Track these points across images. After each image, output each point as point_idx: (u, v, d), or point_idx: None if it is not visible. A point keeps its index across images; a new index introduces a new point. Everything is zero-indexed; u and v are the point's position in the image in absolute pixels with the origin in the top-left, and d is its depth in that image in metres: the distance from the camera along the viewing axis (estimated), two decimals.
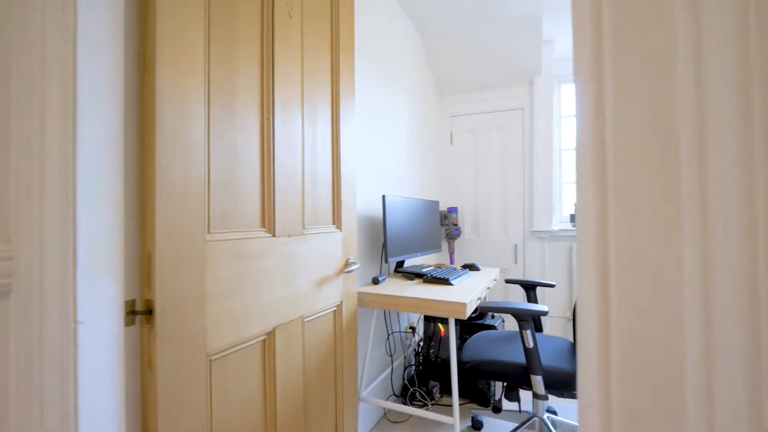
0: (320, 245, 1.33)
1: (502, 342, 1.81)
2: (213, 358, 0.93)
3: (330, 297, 1.38)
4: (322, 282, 1.34)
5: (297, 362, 1.22)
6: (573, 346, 1.80)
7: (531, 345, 1.47)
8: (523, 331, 1.48)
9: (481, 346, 1.77)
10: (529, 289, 2.07)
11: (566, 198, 3.31)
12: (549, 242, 3.20)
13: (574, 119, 2.92)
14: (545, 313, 1.46)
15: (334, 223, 1.42)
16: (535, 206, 3.02)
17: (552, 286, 2.03)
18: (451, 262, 3.15)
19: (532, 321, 1.48)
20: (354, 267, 1.43)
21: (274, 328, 1.13)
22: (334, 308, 1.42)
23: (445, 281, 1.86)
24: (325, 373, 1.36)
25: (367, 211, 2.07)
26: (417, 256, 2.26)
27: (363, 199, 2.04)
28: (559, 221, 3.27)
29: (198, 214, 0.90)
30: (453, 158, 3.32)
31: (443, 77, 3.16)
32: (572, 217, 3.16)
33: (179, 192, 0.85)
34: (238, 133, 1.02)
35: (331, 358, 1.40)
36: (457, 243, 3.30)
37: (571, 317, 3.04)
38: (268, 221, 1.12)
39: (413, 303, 1.57)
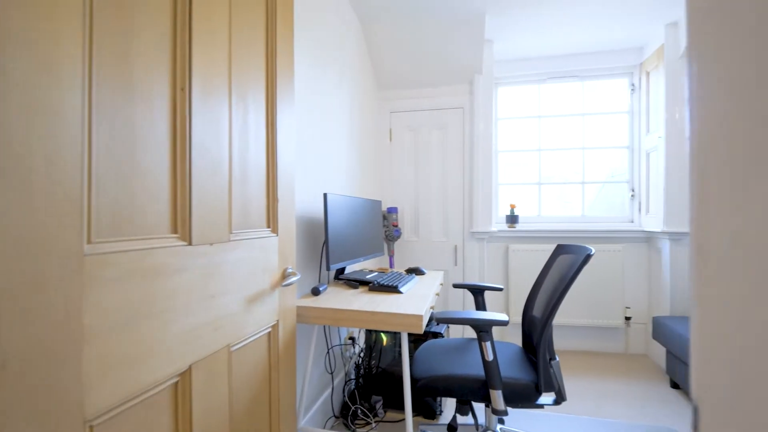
0: (252, 254, 1.07)
1: (455, 352, 1.69)
2: (94, 423, 0.65)
3: (264, 316, 1.13)
4: (255, 299, 1.08)
5: (221, 403, 0.95)
6: (524, 352, 1.74)
7: (491, 358, 1.35)
8: (483, 343, 1.36)
9: (433, 358, 1.63)
10: (477, 293, 1.98)
11: (502, 199, 3.35)
12: (488, 243, 3.20)
13: (510, 121, 2.90)
14: (506, 323, 1.35)
15: (269, 226, 1.17)
16: (475, 207, 2.99)
17: (500, 289, 1.96)
18: (391, 265, 3.01)
19: (491, 332, 1.37)
20: (293, 279, 1.19)
21: (190, 366, 0.85)
22: (269, 329, 1.17)
23: (393, 289, 1.69)
24: (257, 409, 1.11)
25: (305, 211, 1.82)
26: (360, 261, 2.07)
27: (301, 197, 1.79)
28: (496, 222, 3.29)
29: (69, 215, 0.61)
30: (392, 156, 3.18)
31: (383, 69, 3.00)
32: (508, 218, 3.19)
33: (35, 183, 0.56)
34: (139, 105, 0.74)
35: (265, 390, 1.14)
36: (396, 245, 3.16)
37: (521, 321, 3.05)
38: (182, 225, 0.84)
39: (362, 317, 1.37)
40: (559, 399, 1.51)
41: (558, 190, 3.30)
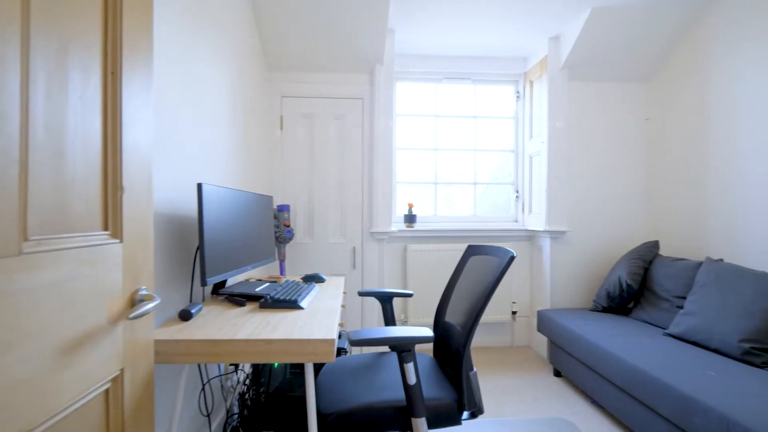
0: (74, 273, 0.67)
1: (366, 373, 1.45)
2: None
3: (97, 368, 0.73)
4: (78, 345, 0.68)
5: None
6: (437, 363, 1.59)
7: (414, 381, 1.15)
8: (405, 365, 1.14)
9: (341, 384, 1.36)
10: (386, 301, 1.78)
11: (400, 198, 3.24)
12: (387, 244, 3.06)
13: (408, 118, 2.80)
14: (431, 339, 1.16)
15: (106, 229, 0.77)
16: (375, 206, 2.81)
17: (409, 295, 1.79)
18: (282, 272, 2.64)
19: (414, 351, 1.16)
20: (149, 306, 0.80)
21: None
22: (107, 385, 0.77)
23: (291, 304, 1.37)
24: None
25: (171, 207, 1.38)
26: (247, 270, 1.69)
27: (165, 189, 1.35)
28: (394, 222, 3.17)
29: None
30: (284, 146, 2.81)
31: (274, 47, 2.61)
32: (407, 218, 3.09)
33: None
34: None
35: None
36: (288, 248, 2.80)
37: (433, 328, 2.93)
38: None
39: (253, 348, 1.04)
40: (478, 411, 1.39)
41: (445, 191, 3.33)
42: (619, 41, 2.68)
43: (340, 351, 1.81)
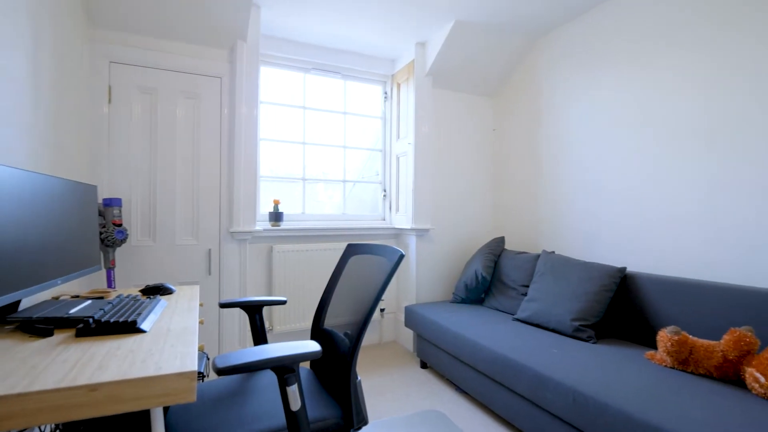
0: None
1: (231, 401, 1.19)
2: None
3: None
4: None
5: None
6: (315, 377, 1.43)
7: (299, 405, 0.97)
8: (288, 388, 0.95)
9: (200, 422, 1.08)
10: (254, 311, 1.53)
11: (265, 195, 2.95)
12: (250, 245, 2.73)
13: (274, 107, 2.58)
14: (319, 354, 0.99)
15: None
16: (237, 202, 2.47)
17: (283, 302, 1.58)
18: (111, 284, 2.09)
19: (299, 370, 0.98)
20: None
21: None
22: None
23: (128, 327, 1.03)
24: None
25: None
26: (57, 285, 1.23)
27: None
28: (259, 221, 2.86)
29: None
30: (112, 125, 2.23)
31: None
32: (272, 216, 2.83)
33: None
34: None
35: None
36: (119, 252, 2.24)
37: (310, 335, 2.66)
38: None
39: (69, 403, 0.71)
40: (363, 423, 1.28)
41: (313, 188, 3.19)
42: (476, 55, 2.94)
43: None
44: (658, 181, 2.15)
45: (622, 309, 2.07)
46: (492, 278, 2.79)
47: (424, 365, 2.72)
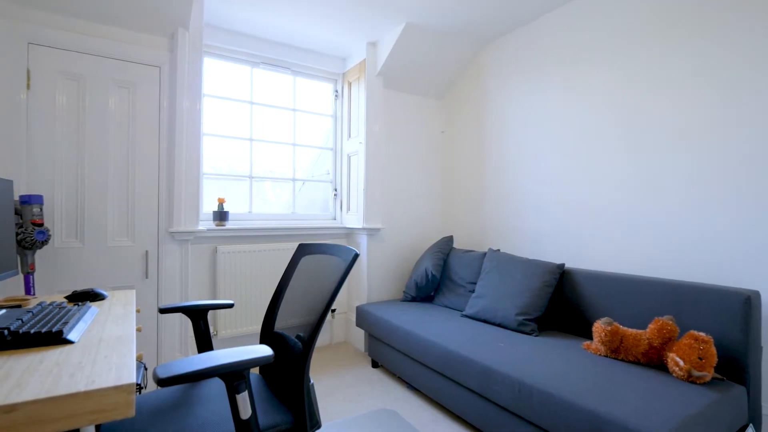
0: None
1: (173, 413, 1.11)
2: None
3: None
4: None
5: None
6: (264, 382, 1.37)
7: (249, 413, 0.92)
8: (237, 396, 0.91)
9: None
10: (199, 316, 1.44)
11: (208, 193, 2.80)
12: (193, 245, 2.58)
13: (219, 101, 2.47)
14: (271, 358, 0.95)
15: None
16: (178, 201, 2.31)
17: (230, 305, 1.51)
18: (29, 290, 1.87)
19: (249, 376, 0.94)
20: None
21: None
22: None
23: (52, 338, 0.93)
24: None
25: None
26: None
27: None
28: (202, 220, 2.71)
29: None
30: (32, 113, 2.00)
31: None
32: (216, 215, 2.69)
33: None
34: None
35: None
36: (41, 256, 2.02)
37: (260, 332, 2.55)
38: None
39: None
40: (317, 427, 1.25)
41: (261, 186, 3.08)
42: (426, 58, 3.00)
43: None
44: (589, 183, 2.32)
45: (562, 303, 2.21)
46: (441, 276, 2.86)
47: (375, 364, 2.73)
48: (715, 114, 1.83)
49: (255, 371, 2.55)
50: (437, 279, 2.78)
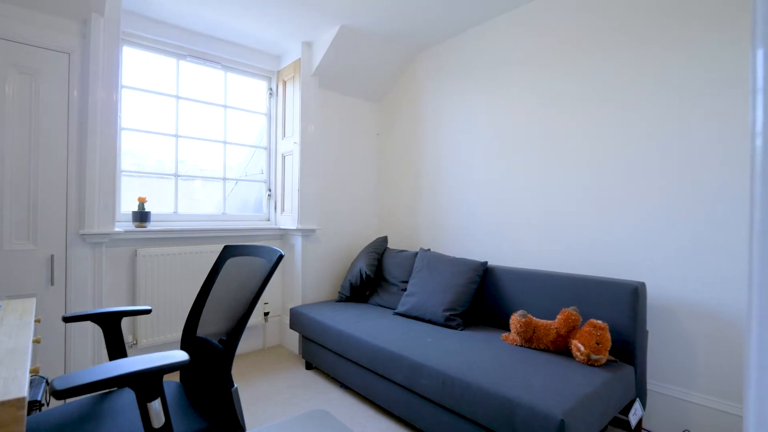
0: None
1: (81, 429, 1.03)
2: None
3: None
4: None
5: None
6: (183, 390, 1.32)
7: (162, 421, 0.89)
8: (148, 405, 0.87)
9: None
10: (110, 324, 1.35)
11: (126, 191, 2.61)
12: (108, 249, 2.39)
13: (140, 93, 2.34)
14: (186, 363, 0.92)
15: None
16: (90, 200, 2.13)
17: (147, 311, 1.43)
18: None
19: (162, 385, 0.90)
20: None
21: None
22: None
23: None
24: None
25: None
26: None
27: None
28: (119, 221, 2.52)
29: None
30: None
31: None
32: (136, 216, 2.52)
33: None
34: None
35: None
36: None
37: (181, 338, 2.39)
38: None
39: None
40: (240, 431, 1.23)
41: (189, 186, 2.94)
42: (362, 61, 3.04)
43: (33, 406, 1.25)
44: (511, 188, 2.50)
45: (485, 298, 2.36)
46: (376, 276, 2.91)
47: (309, 366, 2.71)
48: (611, 129, 2.07)
49: (175, 379, 2.42)
50: (371, 279, 2.83)
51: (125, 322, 2.50)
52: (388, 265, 2.86)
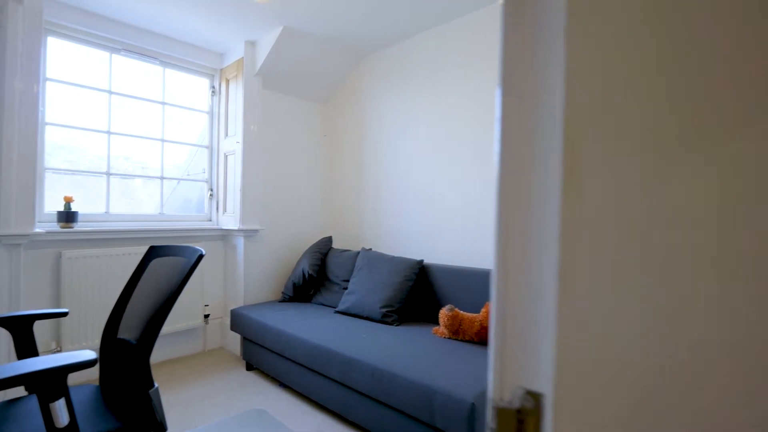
0: None
1: None
2: None
3: None
4: None
5: None
6: (101, 393, 1.30)
7: (66, 421, 0.89)
8: (51, 405, 0.87)
9: None
10: (20, 328, 1.30)
11: (50, 190, 2.47)
12: (27, 251, 2.26)
13: (77, 87, 2.27)
14: (94, 362, 0.92)
15: None
16: (6, 199, 2.01)
17: (63, 314, 1.38)
18: None
19: (66, 384, 0.90)
20: None
21: None
22: None
23: None
24: None
25: None
26: None
27: None
28: (41, 221, 2.39)
29: None
30: None
31: None
32: (62, 216, 2.39)
33: None
34: None
35: None
36: None
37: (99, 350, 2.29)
38: None
39: None
40: (160, 429, 1.23)
41: (124, 185, 2.84)
42: (306, 63, 3.06)
43: None
44: (446, 190, 2.63)
45: (420, 294, 2.47)
46: (319, 275, 2.95)
47: (250, 367, 2.70)
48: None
49: (96, 382, 2.34)
50: (314, 278, 2.86)
51: (48, 328, 2.36)
52: (332, 265, 2.91)
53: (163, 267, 1.35)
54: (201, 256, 1.21)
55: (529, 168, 0.29)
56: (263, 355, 2.49)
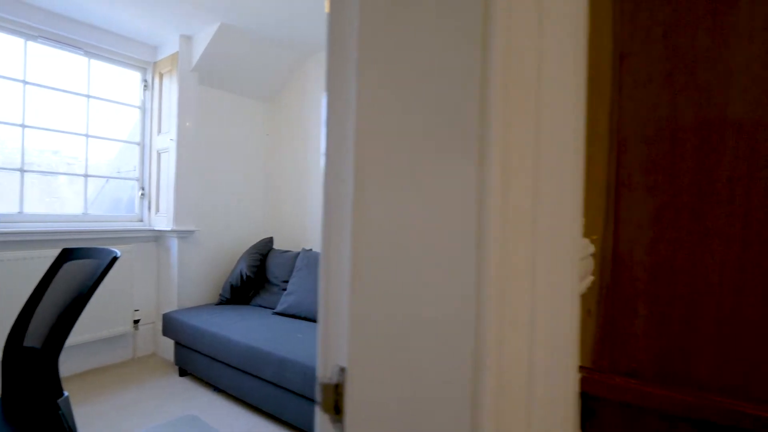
0: None
1: None
2: None
3: None
4: None
5: None
6: (2, 406, 1.22)
7: None
8: None
9: None
10: None
11: None
12: None
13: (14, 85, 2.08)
14: None
15: None
16: None
17: None
18: None
19: None
20: None
21: None
22: None
23: None
24: None
25: None
26: None
27: None
28: None
29: None
30: None
31: None
32: None
33: None
34: None
35: None
36: None
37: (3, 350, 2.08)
38: None
39: None
40: None
41: (46, 183, 2.64)
42: (247, 60, 3.01)
43: None
44: None
45: None
46: (259, 277, 2.91)
47: (183, 373, 2.61)
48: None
49: None
50: (253, 280, 2.82)
51: None
52: (271, 266, 2.88)
53: (76, 270, 1.29)
54: (115, 258, 1.18)
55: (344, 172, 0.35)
56: (197, 359, 2.42)
